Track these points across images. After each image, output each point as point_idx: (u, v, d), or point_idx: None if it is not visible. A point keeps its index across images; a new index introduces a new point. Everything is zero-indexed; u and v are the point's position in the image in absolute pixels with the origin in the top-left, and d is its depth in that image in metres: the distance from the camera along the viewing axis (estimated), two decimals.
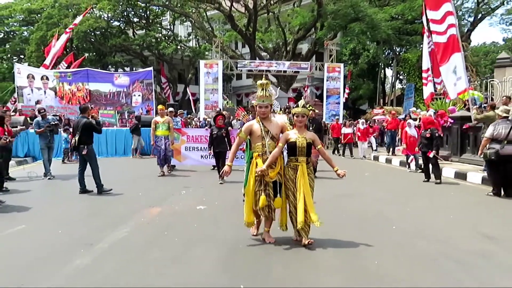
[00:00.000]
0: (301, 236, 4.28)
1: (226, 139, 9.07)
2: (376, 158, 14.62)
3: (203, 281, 3.42)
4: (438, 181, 8.90)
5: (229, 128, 10.34)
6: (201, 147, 10.83)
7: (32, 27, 34.71)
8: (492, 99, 11.93)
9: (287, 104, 8.69)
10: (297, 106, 4.48)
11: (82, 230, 4.99)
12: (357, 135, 15.86)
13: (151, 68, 19.39)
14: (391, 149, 14.73)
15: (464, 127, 10.91)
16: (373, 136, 17.36)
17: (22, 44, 34.65)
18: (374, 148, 17.15)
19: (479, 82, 13.39)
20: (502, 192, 7.41)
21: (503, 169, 7.42)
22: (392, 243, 4.45)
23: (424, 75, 16.71)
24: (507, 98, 9.18)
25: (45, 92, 17.01)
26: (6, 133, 7.93)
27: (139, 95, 17.75)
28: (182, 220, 5.55)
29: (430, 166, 9.19)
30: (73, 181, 7.94)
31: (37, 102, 16.66)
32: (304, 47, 32.17)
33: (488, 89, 11.90)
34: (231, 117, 17.50)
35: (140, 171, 10.87)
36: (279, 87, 21.16)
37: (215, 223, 5.38)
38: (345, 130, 15.94)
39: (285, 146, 4.37)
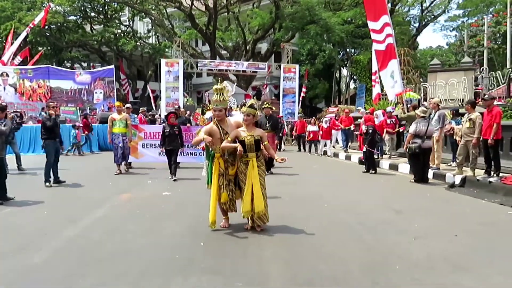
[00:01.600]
0: (253, 223, 4.90)
1: (178, 136, 9.18)
2: (336, 155, 15.15)
3: (171, 243, 4.56)
4: (373, 171, 10.45)
5: (188, 124, 11.00)
6: (158, 144, 10.52)
7: None
8: (425, 100, 13.72)
9: (244, 101, 9.46)
10: (245, 105, 5.12)
11: (64, 211, 5.95)
12: (319, 133, 16.18)
13: (112, 66, 19.96)
14: (348, 146, 15.59)
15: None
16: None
17: None
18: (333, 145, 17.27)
19: (414, 84, 15.24)
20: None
21: (422, 160, 9.06)
22: (321, 215, 5.79)
23: (373, 77, 18.44)
24: (435, 104, 10.66)
25: (4, 88, 17.24)
26: None
27: (100, 93, 18.34)
28: (151, 202, 6.63)
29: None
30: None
31: None
32: (263, 46, 33.54)
33: (421, 91, 13.69)
34: (190, 114, 18.47)
35: (97, 167, 11.27)
36: (235, 83, 22.37)
37: (180, 204, 6.50)
38: (310, 128, 16.34)
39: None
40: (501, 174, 8.26)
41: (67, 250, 4.27)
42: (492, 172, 8.42)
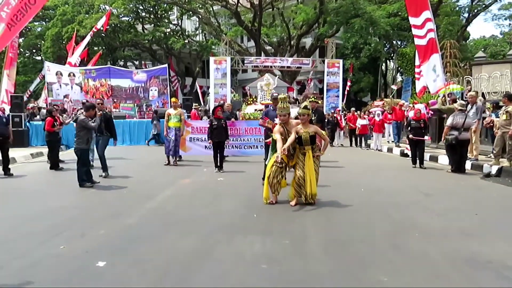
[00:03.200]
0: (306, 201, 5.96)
1: (224, 130, 9.62)
2: (389, 150, 14.87)
3: (229, 214, 5.67)
4: (422, 165, 10.40)
5: (232, 119, 11.38)
6: (205, 138, 11.05)
7: (45, 23, 37.01)
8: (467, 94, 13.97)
9: (285, 94, 9.62)
10: (299, 107, 6.50)
11: (139, 191, 7.26)
12: (370, 126, 16.35)
13: (165, 65, 21.56)
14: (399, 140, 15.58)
15: None
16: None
17: (36, 39, 36.98)
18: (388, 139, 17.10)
19: (459, 77, 15.41)
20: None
21: (459, 151, 9.62)
22: (357, 197, 6.70)
23: (416, 70, 18.67)
24: (473, 97, 11.12)
25: (72, 87, 19.37)
26: (57, 123, 10.18)
27: (155, 90, 19.97)
28: (208, 185, 7.84)
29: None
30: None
31: (65, 96, 19.08)
32: (307, 41, 34.18)
33: (464, 85, 13.96)
34: (236, 109, 19.54)
35: (157, 157, 12.08)
36: (277, 76, 23.49)
37: (233, 187, 7.63)
38: (360, 122, 16.41)
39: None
40: None
41: (151, 216, 5.51)
42: None
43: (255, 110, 20.83)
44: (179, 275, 3.53)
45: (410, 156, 12.29)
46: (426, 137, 10.72)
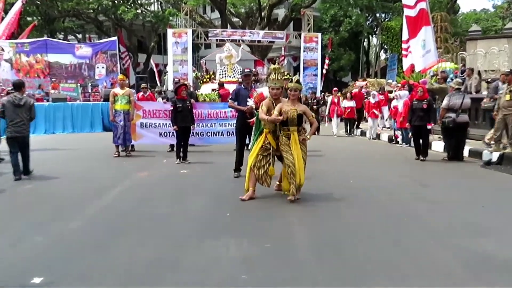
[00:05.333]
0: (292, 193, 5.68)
1: (190, 113, 9.39)
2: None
3: (197, 214, 5.36)
4: (424, 156, 9.70)
5: (192, 101, 10.60)
6: (159, 123, 11.03)
7: None
8: (462, 72, 14.16)
9: (251, 69, 9.18)
10: (291, 81, 6.01)
11: (85, 188, 6.82)
12: (339, 109, 15.96)
13: (115, 38, 20.82)
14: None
15: None
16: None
17: None
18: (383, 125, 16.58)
19: (452, 54, 15.63)
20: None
21: (456, 135, 9.66)
22: (345, 188, 6.55)
23: (403, 46, 18.78)
24: (469, 70, 11.34)
25: (0, 64, 18.27)
26: None
27: (102, 67, 19.26)
28: (170, 179, 7.50)
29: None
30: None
31: None
32: (280, 12, 33.93)
33: (458, 61, 14.12)
34: (195, 88, 18.96)
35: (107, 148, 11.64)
36: (241, 47, 22.57)
37: (201, 181, 7.32)
38: (346, 103, 15.81)
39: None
40: None
41: (99, 219, 5.12)
42: None
43: (212, 90, 19.43)
44: None
45: (400, 142, 12.45)
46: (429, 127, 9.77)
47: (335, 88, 17.48)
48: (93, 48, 19.70)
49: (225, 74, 20.50)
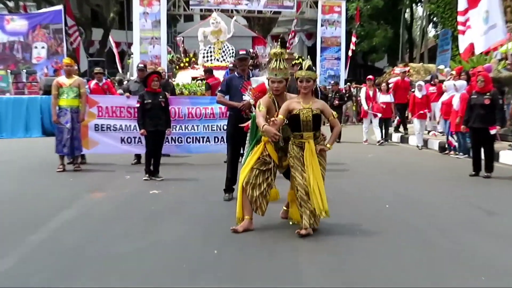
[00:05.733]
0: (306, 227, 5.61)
1: (164, 111, 9.45)
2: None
3: (171, 249, 5.37)
4: (489, 173, 9.68)
5: (167, 94, 10.32)
6: (120, 125, 11.05)
7: None
8: None
9: (248, 50, 9.00)
10: (301, 68, 5.82)
11: (19, 214, 6.84)
12: (375, 106, 15.85)
13: (60, 7, 20.89)
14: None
15: None
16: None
17: None
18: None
19: None
20: None
21: None
22: (377, 215, 6.57)
23: (460, 18, 18.87)
24: None
25: None
26: None
27: (42, 47, 19.33)
28: (136, 202, 7.55)
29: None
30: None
31: None
32: None
33: None
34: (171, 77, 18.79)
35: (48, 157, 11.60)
36: (234, 19, 22.05)
37: (177, 204, 7.36)
38: (382, 98, 16.10)
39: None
40: None
41: (38, 257, 5.12)
42: None
43: (193, 79, 19.71)
44: None
45: (456, 152, 12.51)
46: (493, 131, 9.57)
47: (370, 76, 17.15)
48: (30, 20, 19.74)
49: (210, 56, 20.48)
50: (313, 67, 5.98)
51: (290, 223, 6.06)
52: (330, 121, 5.92)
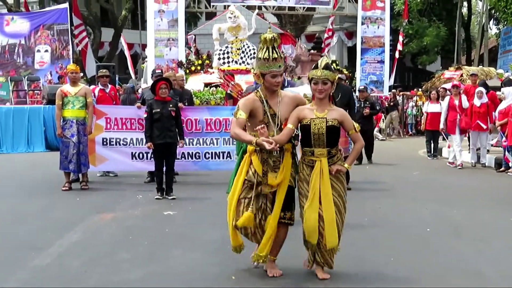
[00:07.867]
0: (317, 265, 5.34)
1: (176, 122, 9.65)
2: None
3: (184, 276, 5.63)
4: None
5: (180, 104, 10.47)
6: (131, 139, 11.19)
7: None
8: None
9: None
10: (315, 66, 5.34)
11: (19, 237, 7.18)
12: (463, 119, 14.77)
13: (66, 5, 21.22)
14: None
15: None
16: None
17: None
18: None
19: None
20: None
21: None
22: (421, 250, 6.76)
23: None
24: None
25: None
26: None
27: (46, 51, 19.75)
28: (148, 224, 7.84)
29: None
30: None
31: None
32: None
33: None
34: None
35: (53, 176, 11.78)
36: (255, 14, 21.14)
37: (193, 227, 7.63)
38: (430, 108, 16.33)
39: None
40: None
41: (38, 284, 5.43)
42: None
43: (206, 85, 19.60)
44: None
45: None
46: None
47: (456, 83, 16.64)
48: (32, 20, 20.14)
49: (227, 57, 20.02)
50: (332, 66, 5.47)
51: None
52: (351, 136, 5.43)
